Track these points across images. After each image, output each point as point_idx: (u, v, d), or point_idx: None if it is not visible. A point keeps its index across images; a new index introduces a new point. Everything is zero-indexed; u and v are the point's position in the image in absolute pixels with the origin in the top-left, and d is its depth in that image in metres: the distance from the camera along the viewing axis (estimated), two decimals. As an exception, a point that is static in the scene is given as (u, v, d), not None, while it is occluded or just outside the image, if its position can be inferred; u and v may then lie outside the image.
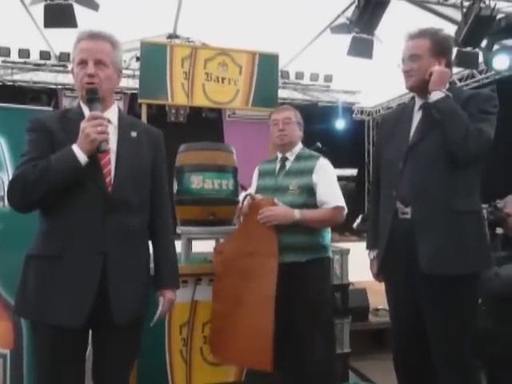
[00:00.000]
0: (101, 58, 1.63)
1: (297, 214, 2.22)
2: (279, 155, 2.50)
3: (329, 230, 2.45)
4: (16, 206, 1.60)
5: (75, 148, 1.53)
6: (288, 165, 2.44)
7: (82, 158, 1.52)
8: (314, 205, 2.30)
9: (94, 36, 1.65)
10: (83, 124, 1.54)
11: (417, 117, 2.03)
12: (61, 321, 1.53)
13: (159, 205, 1.81)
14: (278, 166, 2.49)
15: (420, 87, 1.97)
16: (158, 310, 1.79)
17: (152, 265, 1.85)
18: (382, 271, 2.13)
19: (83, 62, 1.63)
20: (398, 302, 2.10)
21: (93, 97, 1.60)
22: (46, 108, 2.58)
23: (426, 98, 1.98)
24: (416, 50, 1.94)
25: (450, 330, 1.88)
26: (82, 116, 1.65)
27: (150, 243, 1.84)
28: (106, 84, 1.65)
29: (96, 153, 1.55)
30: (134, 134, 1.74)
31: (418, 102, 2.04)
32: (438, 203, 1.87)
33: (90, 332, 1.71)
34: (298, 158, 2.44)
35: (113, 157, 1.64)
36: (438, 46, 1.94)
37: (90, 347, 1.74)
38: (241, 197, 2.53)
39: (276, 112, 2.51)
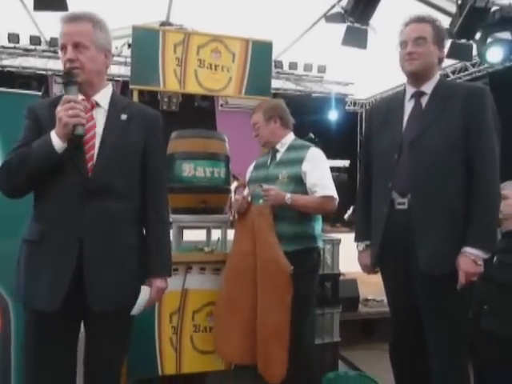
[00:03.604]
0: (79, 41, 1.58)
1: (288, 198, 2.23)
2: (271, 149, 2.52)
3: (320, 220, 2.45)
4: (4, 192, 1.61)
5: (52, 134, 1.52)
6: (279, 156, 2.45)
7: (57, 143, 1.51)
8: (303, 194, 2.30)
9: (72, 18, 1.60)
10: (57, 108, 1.52)
11: (408, 106, 2.01)
12: (38, 305, 1.54)
13: (151, 190, 1.73)
14: (269, 157, 2.51)
15: (421, 73, 1.94)
16: (139, 299, 1.68)
17: None
18: (378, 264, 2.10)
19: (64, 47, 1.60)
20: (396, 295, 2.09)
21: (68, 80, 1.57)
22: (35, 92, 2.52)
23: (419, 87, 1.97)
24: (422, 33, 1.90)
25: (447, 327, 1.87)
26: None
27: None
28: (89, 66, 1.60)
29: (74, 138, 1.52)
30: (123, 116, 1.67)
31: (409, 91, 2.02)
32: (439, 203, 1.85)
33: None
34: (289, 148, 2.44)
35: (98, 141, 1.61)
36: (439, 33, 1.93)
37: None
38: (232, 186, 2.52)
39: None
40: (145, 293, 1.70)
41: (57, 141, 1.51)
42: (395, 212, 1.95)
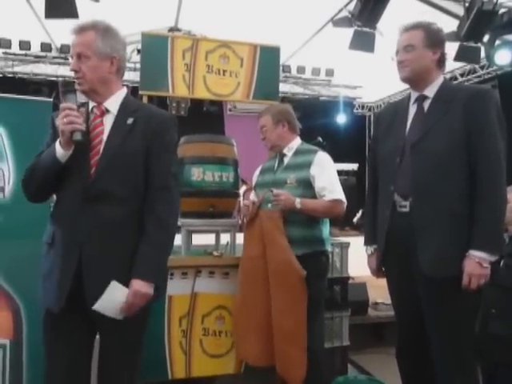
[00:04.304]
0: (80, 52, 1.63)
1: (297, 202, 2.25)
2: (278, 153, 2.54)
3: (327, 223, 2.46)
4: (26, 198, 1.72)
5: (57, 143, 1.58)
6: (286, 160, 2.47)
7: (59, 152, 1.57)
8: (311, 198, 2.32)
9: (77, 30, 1.65)
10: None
11: (412, 110, 2.02)
12: (47, 303, 1.62)
13: (150, 192, 1.66)
14: (276, 162, 2.52)
15: (414, 78, 1.98)
16: (107, 294, 1.56)
17: None
18: (382, 266, 2.11)
19: (72, 58, 1.66)
20: (399, 297, 2.10)
21: (65, 89, 1.61)
22: (46, 99, 2.56)
23: (421, 91, 1.98)
24: (410, 40, 1.95)
25: (450, 331, 1.87)
26: (86, 107, 1.70)
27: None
28: (90, 75, 1.63)
29: (76, 144, 1.57)
30: (129, 120, 1.66)
31: (413, 95, 2.04)
32: (439, 206, 1.85)
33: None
34: (297, 153, 2.46)
35: (102, 147, 1.64)
36: (432, 37, 1.95)
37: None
38: (241, 191, 2.54)
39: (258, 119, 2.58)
40: (118, 291, 1.57)
41: (59, 149, 1.57)
42: (397, 215, 1.96)
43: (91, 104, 1.70)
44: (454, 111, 1.87)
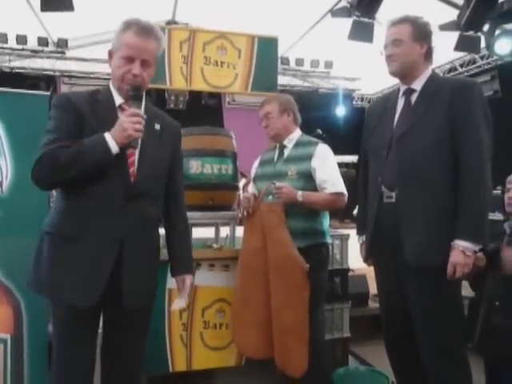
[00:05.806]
0: (147, 59, 1.64)
1: (299, 195, 2.24)
2: (277, 144, 2.52)
3: (327, 215, 2.45)
4: (41, 184, 1.60)
5: (108, 138, 1.53)
6: (286, 152, 2.45)
7: (114, 148, 1.54)
8: (312, 190, 2.31)
9: (145, 32, 1.62)
10: (122, 117, 1.56)
11: (400, 103, 2.04)
12: (73, 301, 1.56)
13: (175, 194, 1.86)
14: (276, 153, 2.50)
15: (403, 72, 1.99)
16: (183, 295, 1.83)
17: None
18: (370, 256, 2.16)
19: (131, 60, 1.62)
20: (385, 286, 2.12)
21: (136, 94, 1.62)
22: (44, 93, 2.55)
23: (409, 84, 2.00)
24: (398, 35, 1.96)
25: (437, 322, 1.89)
26: (111, 101, 1.68)
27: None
28: (147, 83, 1.69)
29: (127, 146, 1.57)
30: (157, 126, 1.75)
31: (402, 89, 2.05)
32: (424, 198, 1.87)
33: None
34: (297, 144, 2.44)
35: (138, 148, 1.65)
36: (419, 30, 1.96)
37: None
38: (240, 184, 2.52)
39: (260, 107, 2.53)
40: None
41: (114, 145, 1.54)
42: (384, 206, 1.99)
43: (118, 101, 1.68)
44: (439, 104, 1.89)
